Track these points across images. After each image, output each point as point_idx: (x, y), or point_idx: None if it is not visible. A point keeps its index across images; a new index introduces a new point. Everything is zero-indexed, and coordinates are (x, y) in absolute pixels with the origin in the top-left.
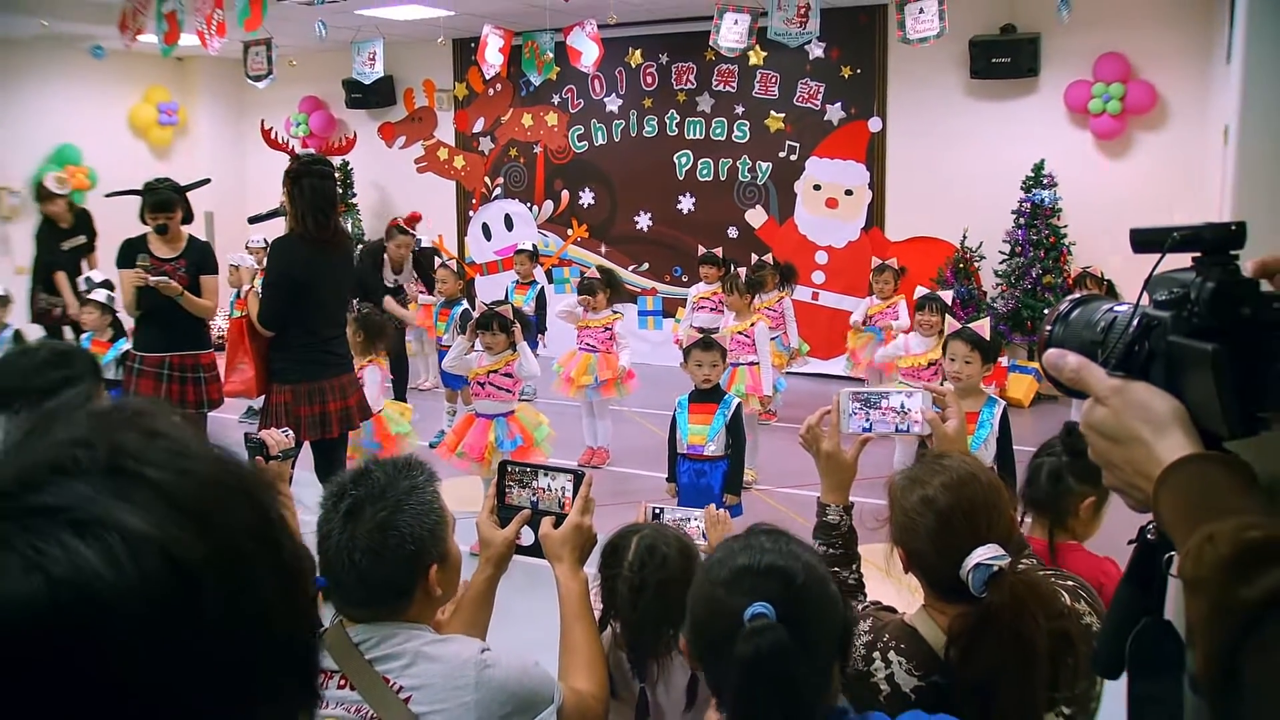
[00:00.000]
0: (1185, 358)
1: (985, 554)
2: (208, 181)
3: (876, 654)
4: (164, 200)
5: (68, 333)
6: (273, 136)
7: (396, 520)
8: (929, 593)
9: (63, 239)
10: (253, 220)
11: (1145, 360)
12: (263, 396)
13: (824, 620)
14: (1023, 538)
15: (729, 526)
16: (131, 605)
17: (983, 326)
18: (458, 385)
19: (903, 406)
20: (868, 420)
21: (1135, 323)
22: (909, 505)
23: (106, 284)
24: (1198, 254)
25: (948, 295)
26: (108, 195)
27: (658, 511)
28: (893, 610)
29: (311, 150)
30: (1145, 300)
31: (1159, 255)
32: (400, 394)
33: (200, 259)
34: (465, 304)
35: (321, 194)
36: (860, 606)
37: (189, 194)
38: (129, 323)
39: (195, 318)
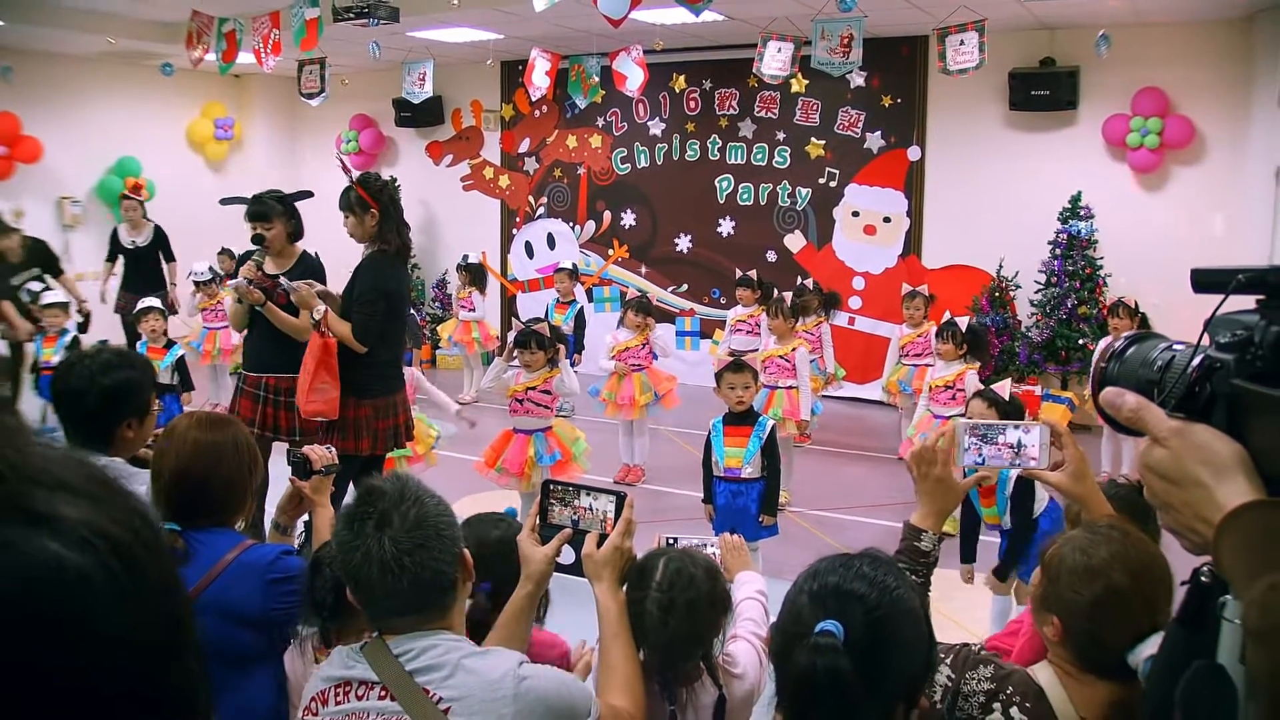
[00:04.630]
0: (1250, 402)
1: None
2: (310, 194)
3: (997, 705)
4: (260, 210)
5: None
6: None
7: (427, 511)
8: (1065, 656)
9: (12, 274)
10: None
11: (1206, 402)
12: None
13: (898, 658)
14: None
15: (745, 552)
16: (98, 578)
17: (1003, 387)
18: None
19: (1019, 443)
20: (981, 456)
21: (1196, 363)
22: (1083, 583)
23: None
24: (1261, 297)
25: (962, 322)
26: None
27: (671, 541)
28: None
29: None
30: (1206, 341)
31: (1220, 296)
32: None
33: (307, 276)
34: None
35: (401, 209)
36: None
37: (297, 207)
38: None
39: (299, 340)
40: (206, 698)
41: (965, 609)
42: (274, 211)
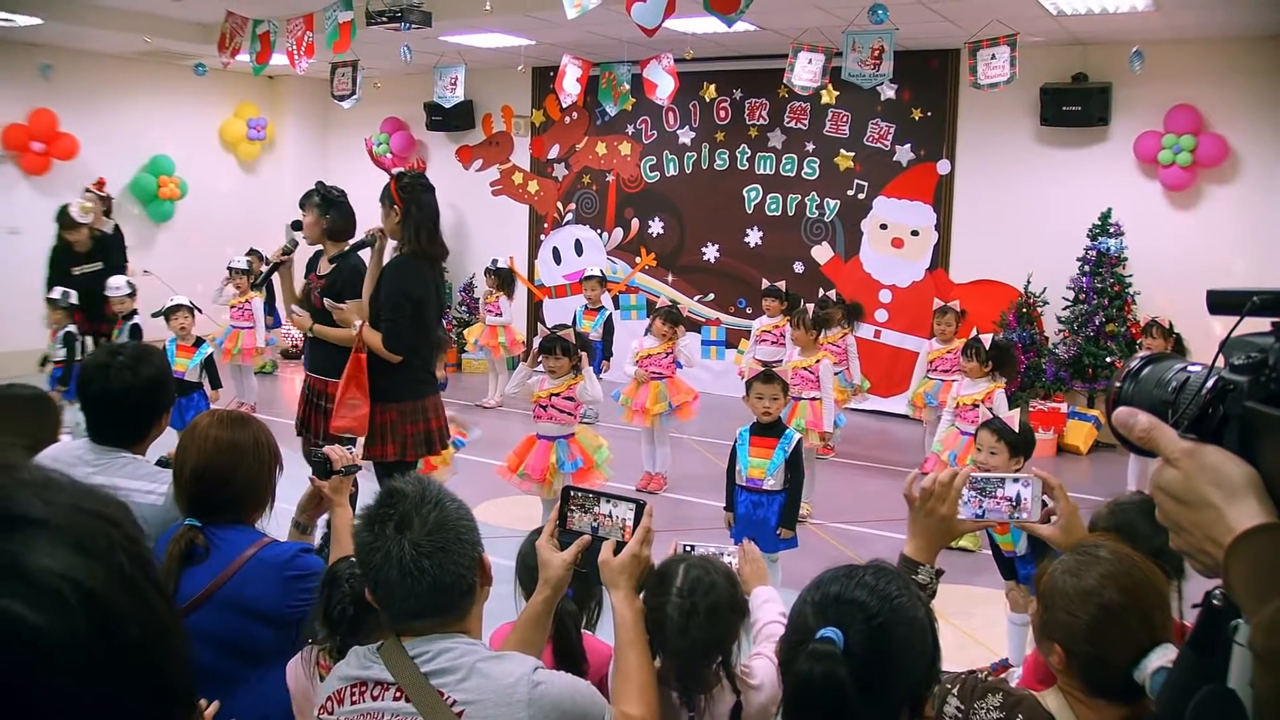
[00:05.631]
0: (1262, 425)
1: (1168, 657)
2: (341, 192)
3: None
4: (302, 198)
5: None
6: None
7: (447, 514)
8: (1073, 683)
9: (75, 264)
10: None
11: (1219, 424)
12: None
13: (901, 665)
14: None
15: (763, 565)
16: (57, 641)
17: (1012, 418)
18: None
19: (1017, 497)
20: (980, 509)
21: (1210, 385)
22: (1078, 605)
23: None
24: (1277, 319)
25: (987, 339)
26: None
27: (689, 548)
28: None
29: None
30: (1221, 362)
31: (1236, 318)
32: None
33: (342, 278)
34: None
35: (434, 209)
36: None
37: (345, 205)
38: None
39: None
40: None
41: (984, 625)
42: (309, 201)
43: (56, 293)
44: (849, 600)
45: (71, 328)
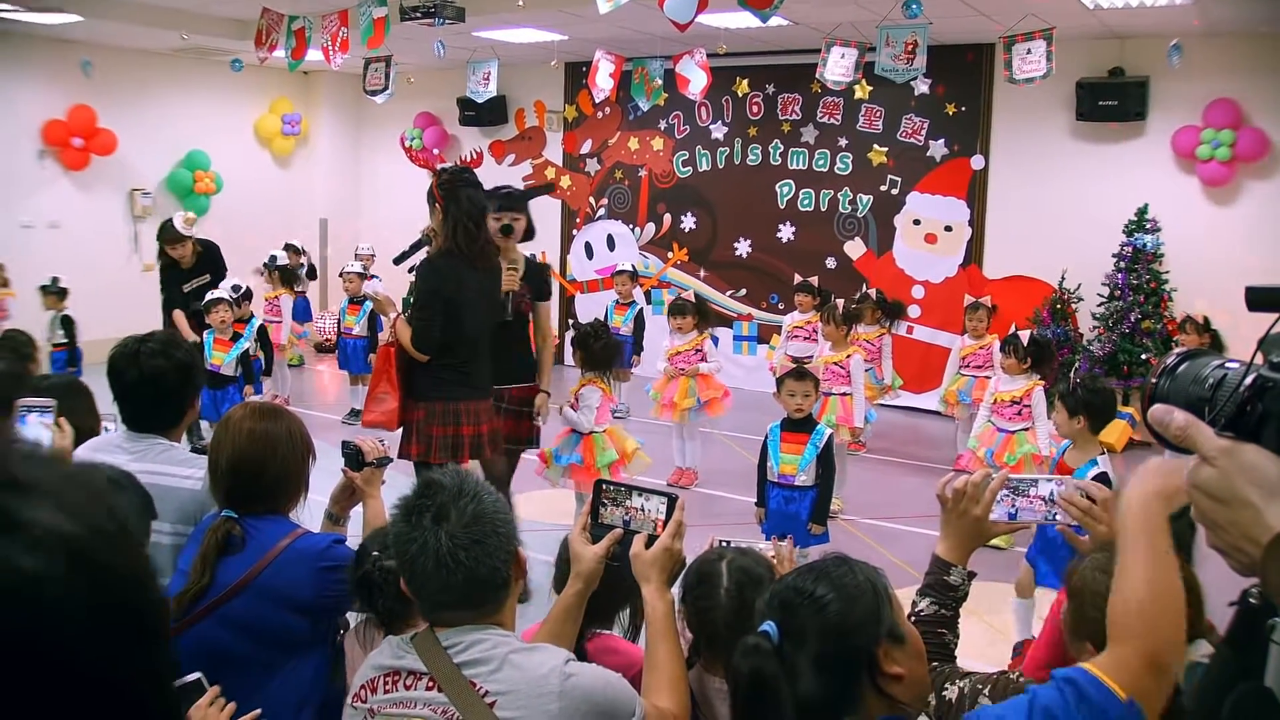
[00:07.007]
0: None
1: (1201, 652)
2: (551, 189)
3: None
4: (514, 200)
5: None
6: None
7: (484, 508)
8: None
9: (184, 280)
10: (398, 260)
11: (1258, 422)
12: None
13: (844, 627)
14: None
15: (793, 563)
16: (47, 584)
17: (1022, 339)
18: (357, 369)
19: (1051, 495)
20: (1014, 507)
21: (1248, 382)
22: (1105, 601)
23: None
24: None
25: (1024, 335)
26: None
27: (725, 543)
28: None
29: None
30: (1259, 359)
31: (1276, 315)
32: None
33: (535, 284)
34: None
35: (476, 205)
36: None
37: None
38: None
39: (527, 349)
40: (170, 688)
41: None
42: (521, 206)
43: (46, 278)
44: (783, 589)
45: (69, 311)
